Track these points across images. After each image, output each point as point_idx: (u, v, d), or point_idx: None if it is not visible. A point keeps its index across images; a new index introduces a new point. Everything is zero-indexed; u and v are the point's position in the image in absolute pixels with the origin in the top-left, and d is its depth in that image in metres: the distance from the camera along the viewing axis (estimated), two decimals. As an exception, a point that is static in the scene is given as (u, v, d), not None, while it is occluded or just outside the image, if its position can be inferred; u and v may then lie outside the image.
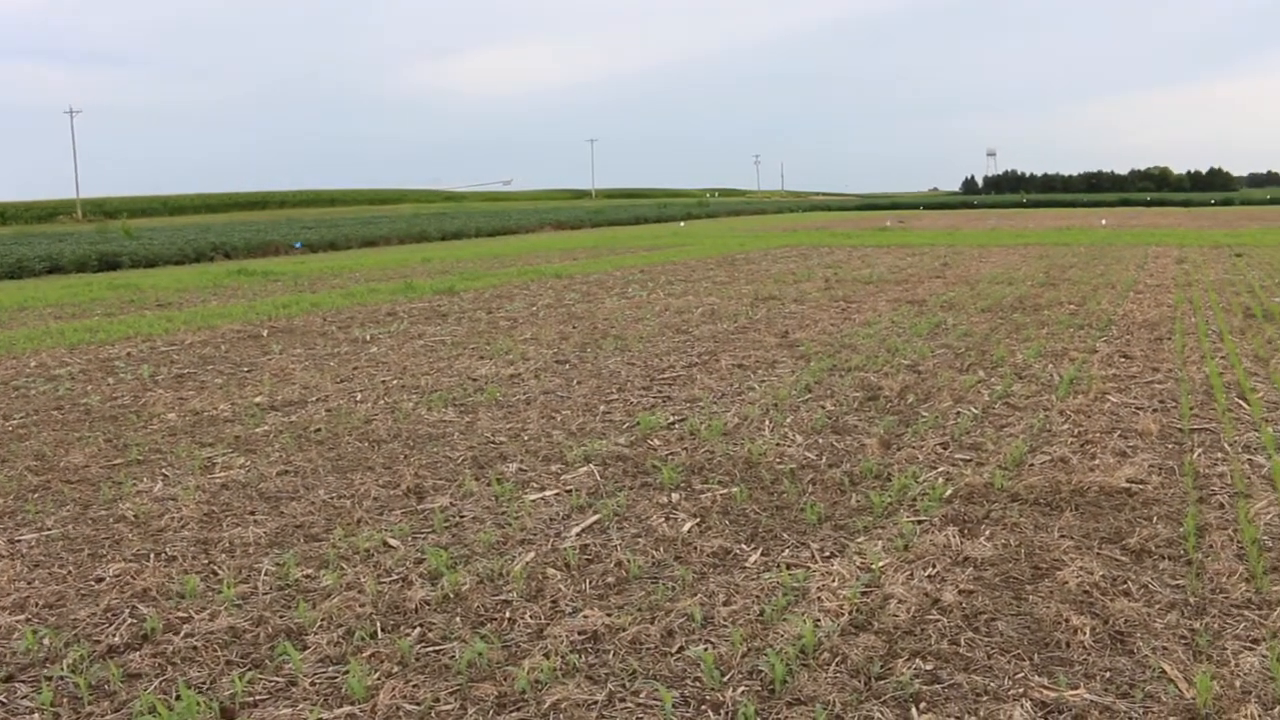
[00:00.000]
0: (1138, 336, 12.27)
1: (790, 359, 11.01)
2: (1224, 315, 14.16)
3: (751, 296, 17.26)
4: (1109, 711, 3.78)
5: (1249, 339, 12.01)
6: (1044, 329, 12.96)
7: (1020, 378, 9.74)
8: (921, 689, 3.95)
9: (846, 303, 16.27)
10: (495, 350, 11.89)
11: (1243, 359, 10.62)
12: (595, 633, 4.45)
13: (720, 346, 11.94)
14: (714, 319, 14.42)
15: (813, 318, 14.43)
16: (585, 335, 13.00)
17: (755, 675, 4.07)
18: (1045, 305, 15.48)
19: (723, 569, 5.18)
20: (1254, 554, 5.17)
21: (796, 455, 7.17)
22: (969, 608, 4.67)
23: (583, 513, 6.06)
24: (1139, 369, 10.16)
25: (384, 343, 12.72)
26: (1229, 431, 7.64)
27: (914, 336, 12.39)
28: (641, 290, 18.65)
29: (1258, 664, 4.09)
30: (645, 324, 13.96)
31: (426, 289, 19.30)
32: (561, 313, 15.49)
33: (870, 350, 11.40)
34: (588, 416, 8.48)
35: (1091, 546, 5.40)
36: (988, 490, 6.31)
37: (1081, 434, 7.63)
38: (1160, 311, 14.62)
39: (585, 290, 18.89)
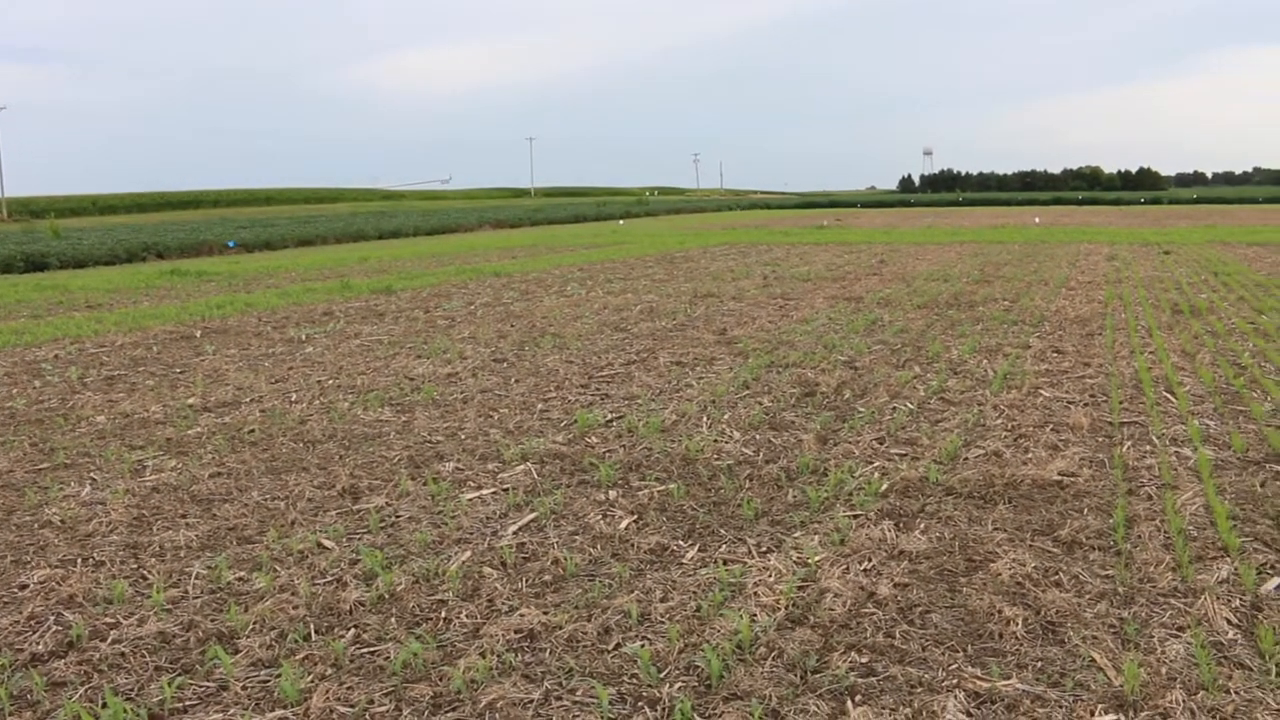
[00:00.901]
0: (1070, 332, 12.46)
1: (728, 356, 11.05)
2: (1153, 311, 14.41)
3: (690, 294, 17.30)
4: (1040, 700, 3.83)
5: (1176, 334, 12.24)
6: (978, 325, 13.12)
7: (955, 373, 9.85)
8: (857, 682, 3.97)
9: (784, 300, 16.35)
10: (432, 349, 11.80)
11: (1170, 354, 10.82)
12: (532, 631, 4.43)
13: (659, 344, 11.95)
14: (652, 317, 14.43)
15: (751, 315, 14.49)
16: (523, 334, 12.95)
17: (692, 671, 4.07)
18: (980, 302, 15.68)
19: (660, 565, 5.18)
20: (1180, 544, 5.27)
21: (734, 451, 7.20)
22: (904, 600, 4.70)
23: (520, 511, 6.03)
24: (1071, 364, 10.32)
25: (320, 343, 12.58)
26: (1157, 424, 7.77)
27: (851, 333, 12.49)
28: (580, 288, 18.62)
29: (1183, 651, 4.16)
30: (584, 322, 13.94)
31: (363, 288, 19.13)
32: (500, 311, 15.42)
33: (808, 347, 11.47)
34: (525, 415, 8.45)
35: (1024, 538, 5.47)
36: (923, 484, 6.37)
37: (1015, 428, 7.73)
38: (1092, 308, 14.85)
39: (524, 289, 18.82)
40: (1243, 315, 13.93)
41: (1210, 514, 5.76)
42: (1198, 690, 3.87)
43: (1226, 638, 4.30)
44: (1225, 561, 5.09)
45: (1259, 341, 11.65)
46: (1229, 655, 4.15)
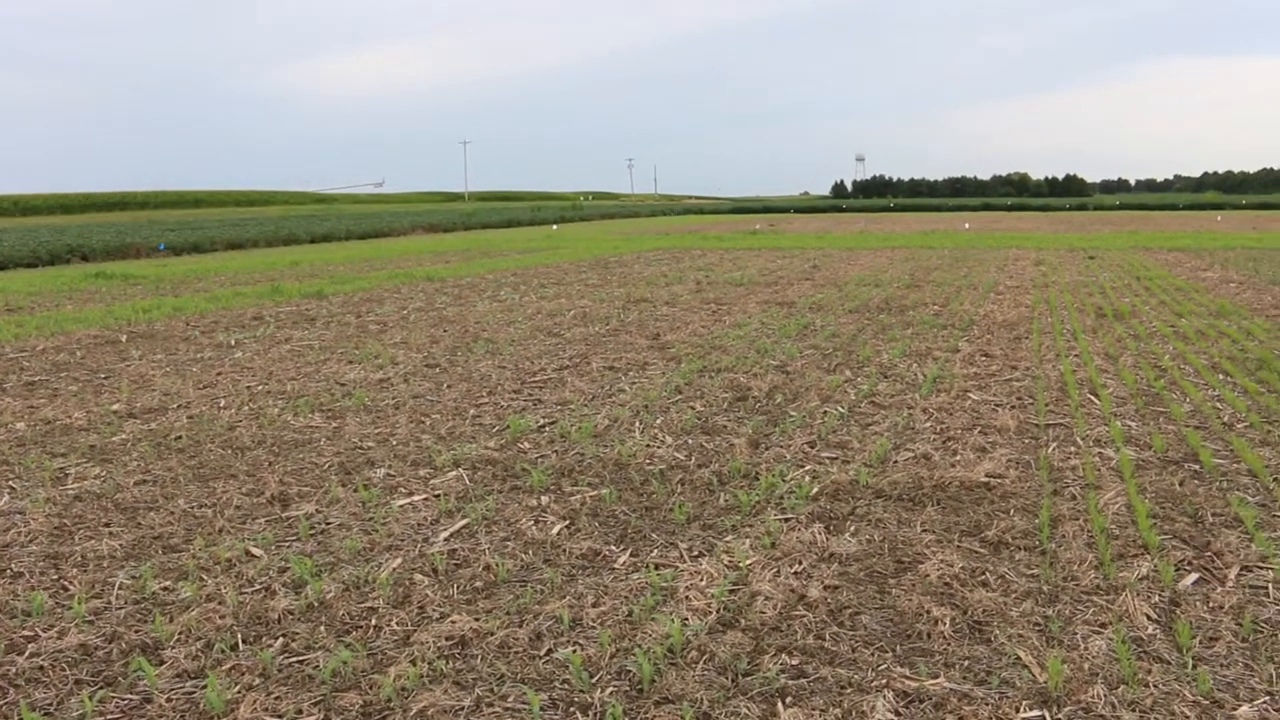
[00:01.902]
0: (998, 336, 12.66)
1: (661, 361, 11.08)
2: (1078, 315, 14.70)
3: (623, 299, 17.33)
4: (967, 699, 3.88)
5: (1100, 338, 12.48)
6: (909, 329, 13.28)
7: (885, 377, 9.97)
8: (788, 684, 4.00)
9: (717, 305, 16.44)
10: (364, 354, 11.70)
11: (1095, 357, 11.04)
12: (463, 638, 4.41)
13: (592, 349, 11.96)
14: (586, 322, 14.43)
15: (684, 320, 14.55)
16: (456, 339, 12.89)
17: (624, 675, 4.08)
18: (910, 306, 15.87)
19: (592, 570, 5.19)
20: (1103, 542, 5.38)
21: (666, 456, 7.22)
22: (834, 602, 4.75)
23: (451, 517, 6.00)
24: (999, 367, 10.48)
25: (249, 348, 12.42)
26: (1081, 426, 7.92)
27: (783, 338, 12.58)
28: (514, 293, 18.57)
29: (1105, 647, 4.25)
30: (517, 327, 13.90)
31: (294, 292, 18.92)
32: (432, 316, 15.33)
33: (740, 351, 11.54)
34: (457, 420, 8.41)
35: (952, 539, 5.55)
36: (853, 487, 6.44)
37: (943, 431, 7.84)
38: (1019, 312, 15.10)
39: (457, 293, 18.73)
40: (1163, 319, 14.25)
41: (1131, 513, 5.88)
42: (1119, 685, 3.95)
43: (1146, 633, 4.39)
44: (1145, 559, 5.20)
45: (1179, 344, 11.92)
46: (1148, 650, 4.25)
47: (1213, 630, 4.42)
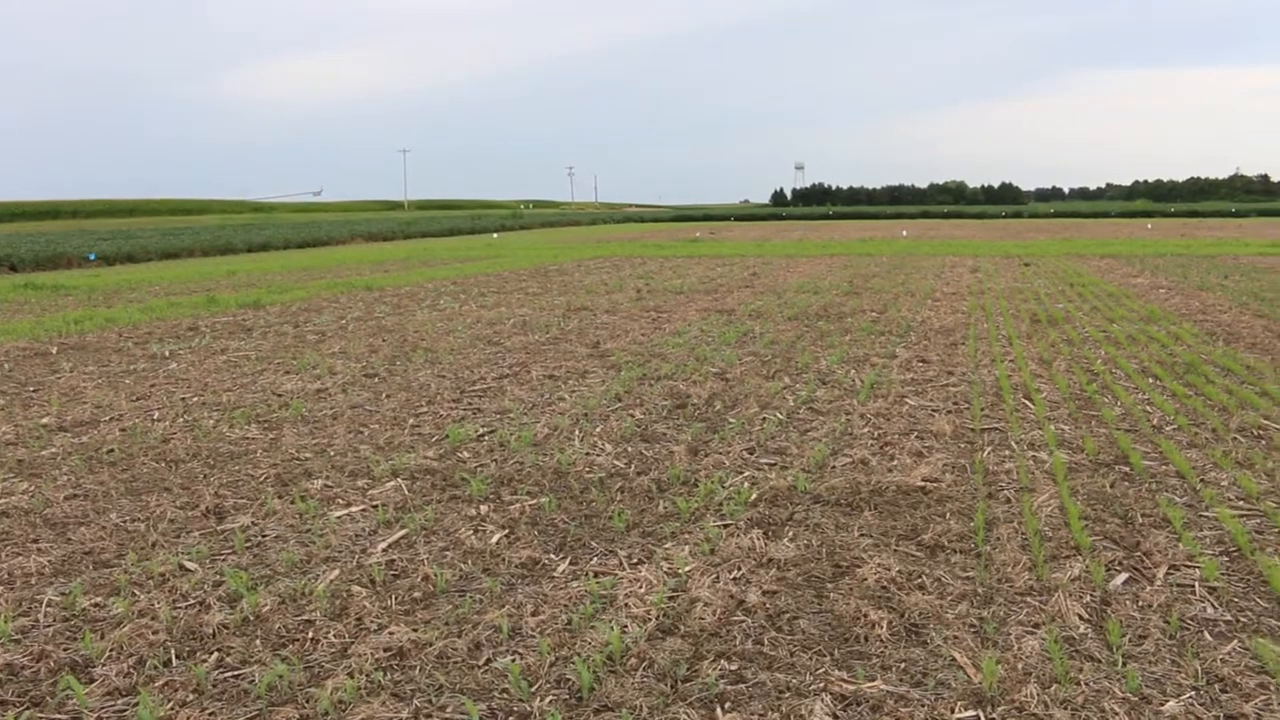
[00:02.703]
0: (934, 342, 12.81)
1: (601, 369, 11.09)
2: (1013, 321, 14.91)
3: (564, 307, 17.31)
4: (904, 700, 3.93)
5: (1035, 343, 12.68)
6: (847, 336, 13.40)
7: (824, 383, 10.05)
8: (726, 689, 4.02)
9: (657, 313, 16.48)
10: (302, 364, 11.59)
11: (1029, 361, 11.21)
12: (401, 649, 4.38)
13: (531, 357, 11.93)
14: (526, 330, 14.40)
15: (624, 328, 14.57)
16: (395, 348, 12.80)
17: (563, 684, 4.07)
18: (849, 313, 16.01)
19: (531, 579, 5.18)
20: (1036, 544, 5.46)
21: (606, 464, 7.22)
22: (773, 607, 4.78)
23: (390, 528, 5.96)
24: (935, 373, 10.61)
25: (184, 359, 12.25)
26: (1016, 430, 8.04)
27: (723, 345, 12.64)
28: (454, 302, 18.49)
29: (1038, 647, 4.32)
30: (456, 336, 13.84)
31: (231, 302, 18.68)
32: (371, 325, 15.22)
33: (680, 359, 11.58)
34: (396, 430, 8.35)
35: (889, 543, 5.61)
36: (791, 493, 6.49)
37: (881, 436, 7.91)
38: (955, 318, 15.30)
39: (396, 303, 18.60)
40: (1096, 324, 14.50)
41: (1064, 515, 5.98)
42: (1051, 684, 4.02)
43: (1078, 632, 4.47)
44: (1078, 560, 5.29)
45: (1110, 349, 12.14)
46: (1080, 649, 4.32)
47: (1142, 629, 4.51)
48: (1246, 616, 4.65)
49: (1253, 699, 3.91)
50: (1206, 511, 6.08)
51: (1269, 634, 4.46)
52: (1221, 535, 5.67)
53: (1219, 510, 6.03)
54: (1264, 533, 5.72)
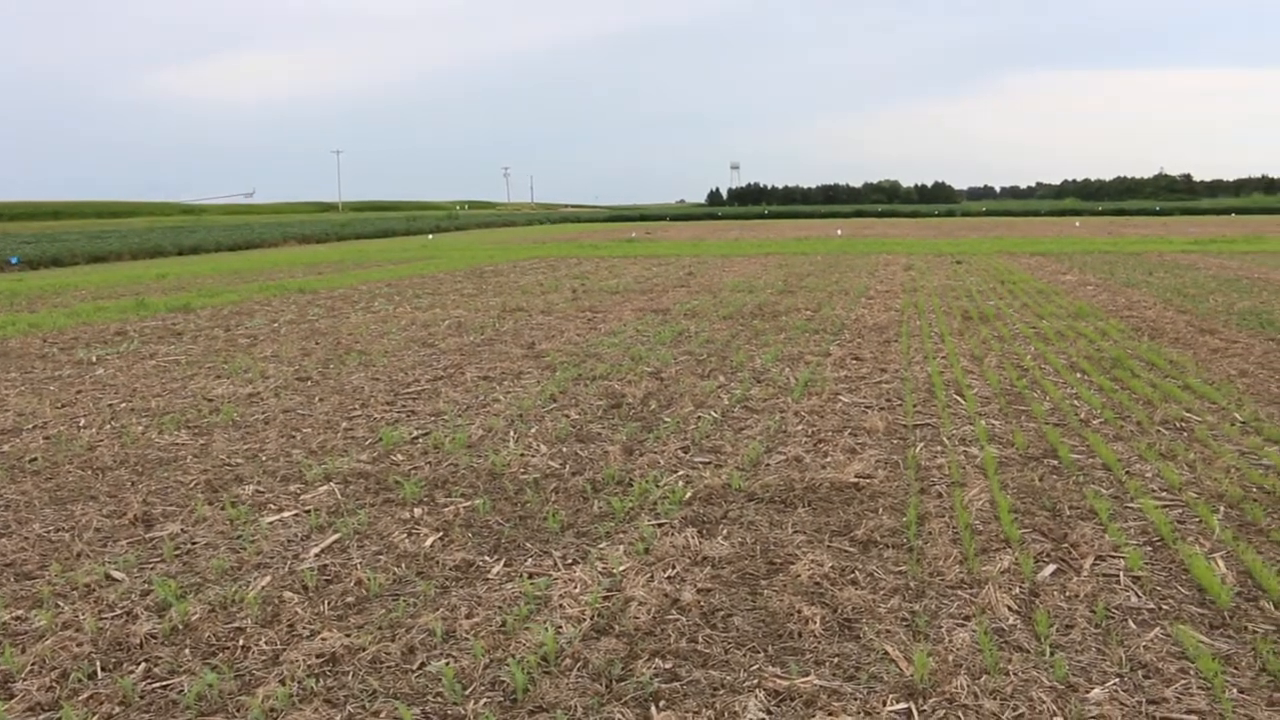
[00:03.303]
0: (868, 339, 12.93)
1: (536, 369, 11.06)
2: (945, 318, 15.10)
3: (499, 308, 17.25)
4: (836, 695, 3.96)
5: (966, 340, 12.85)
6: (782, 334, 13.48)
7: (758, 381, 10.10)
8: (661, 688, 4.03)
9: (593, 313, 16.47)
10: (233, 369, 11.43)
11: (961, 358, 11.35)
12: (334, 655, 4.34)
13: (466, 359, 11.87)
14: (461, 332, 14.33)
15: (559, 328, 14.54)
16: (329, 351, 12.67)
17: (497, 686, 4.06)
18: (783, 312, 16.12)
19: (465, 582, 5.15)
20: (967, 538, 5.54)
21: (540, 465, 7.21)
22: (707, 605, 4.80)
23: (322, 532, 5.90)
24: (869, 370, 10.71)
25: (111, 364, 12.03)
26: (947, 425, 8.14)
27: (658, 344, 12.67)
28: (388, 304, 18.34)
29: (968, 639, 4.38)
30: (391, 338, 13.73)
31: (160, 306, 18.38)
32: (304, 329, 15.05)
33: (615, 359, 11.58)
34: (329, 434, 8.27)
35: (822, 540, 5.65)
36: (726, 491, 6.51)
37: (815, 433, 7.97)
38: (889, 316, 15.46)
39: (330, 305, 18.42)
40: (1026, 321, 14.73)
41: (994, 508, 6.07)
42: (981, 675, 4.08)
43: (1007, 624, 4.54)
44: (1007, 552, 5.37)
45: (1040, 345, 12.34)
46: (1009, 640, 4.39)
47: (1069, 618, 4.59)
48: (1169, 604, 4.75)
49: (1173, 684, 4.00)
50: (1131, 503, 6.20)
51: (1190, 621, 4.56)
52: (1145, 526, 5.78)
53: (1143, 501, 6.16)
54: (1186, 523, 5.84)
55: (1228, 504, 6.15)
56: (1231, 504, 6.15)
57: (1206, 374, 10.22)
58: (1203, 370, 10.43)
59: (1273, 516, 5.92)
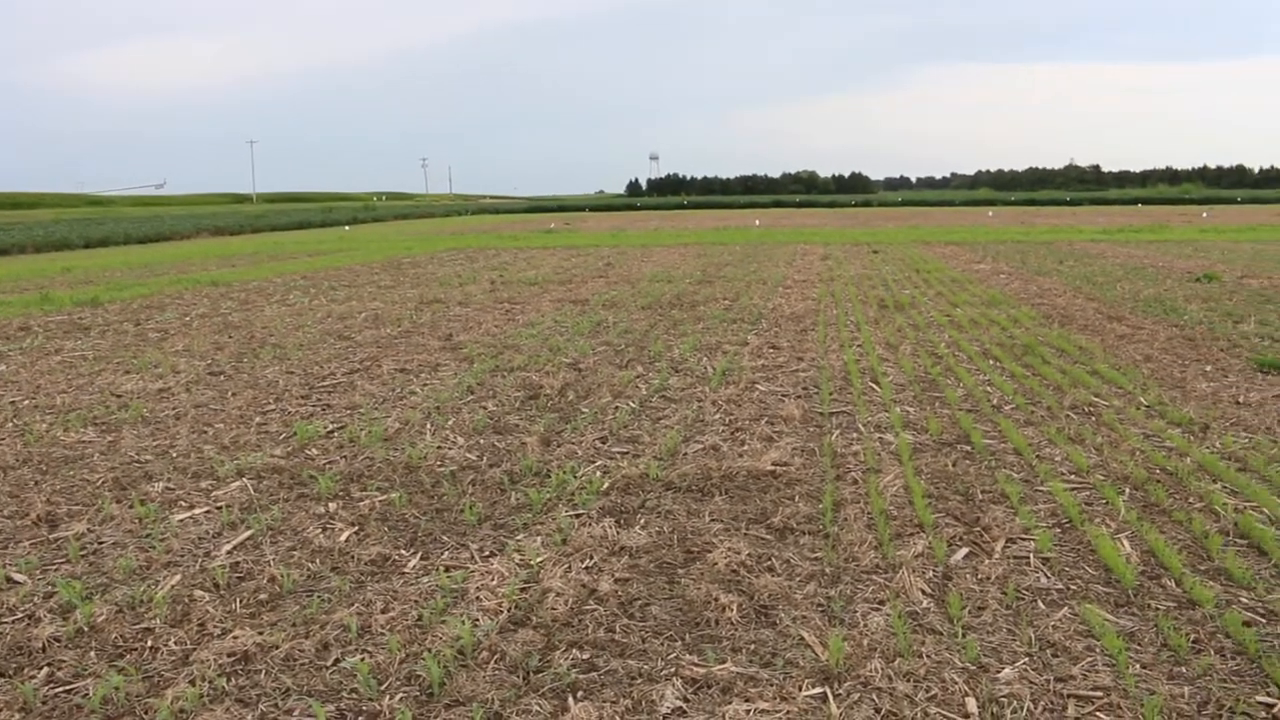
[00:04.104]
0: (785, 329, 13.03)
1: (454, 361, 10.98)
2: (861, 307, 15.27)
3: (416, 300, 17.09)
4: (753, 681, 3.98)
5: (882, 328, 13.00)
6: (700, 324, 13.53)
7: (676, 371, 10.13)
8: (579, 678, 4.03)
9: (511, 304, 16.39)
10: (143, 364, 11.18)
11: (876, 346, 11.49)
12: (246, 653, 4.26)
13: (383, 351, 11.74)
14: (377, 324, 14.17)
15: (477, 320, 14.45)
16: (242, 345, 12.45)
17: (413, 680, 4.02)
18: (702, 301, 16.18)
19: (381, 576, 5.10)
20: (882, 523, 5.61)
21: (458, 457, 7.16)
22: (625, 595, 4.80)
23: (235, 529, 5.80)
24: (786, 359, 10.79)
25: (14, 360, 11.69)
26: (863, 413, 8.23)
27: (576, 335, 12.65)
28: (303, 297, 18.07)
29: (883, 623, 4.44)
30: (306, 331, 13.53)
31: (66, 300, 17.89)
32: (217, 322, 14.77)
33: (533, 350, 11.54)
34: (242, 429, 8.12)
35: (740, 528, 5.68)
36: (643, 480, 6.52)
37: (732, 422, 8.01)
38: (806, 305, 15.59)
39: (244, 298, 18.10)
40: (940, 309, 14.95)
41: (909, 494, 6.15)
42: (895, 658, 4.13)
43: (921, 607, 4.61)
44: (921, 537, 5.45)
45: (954, 333, 12.53)
46: (923, 623, 4.45)
47: (980, 600, 4.67)
48: (1076, 584, 4.86)
49: (1080, 661, 4.09)
50: (1041, 486, 6.32)
51: (1096, 600, 4.67)
52: (1055, 508, 5.90)
53: (1053, 484, 6.28)
54: (1093, 504, 5.98)
55: (1133, 485, 6.31)
56: (1136, 485, 6.30)
57: (1113, 359, 10.46)
58: (1110, 356, 10.67)
59: (1175, 497, 6.07)
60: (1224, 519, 5.68)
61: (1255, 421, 7.83)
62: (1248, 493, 6.10)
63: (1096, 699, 3.82)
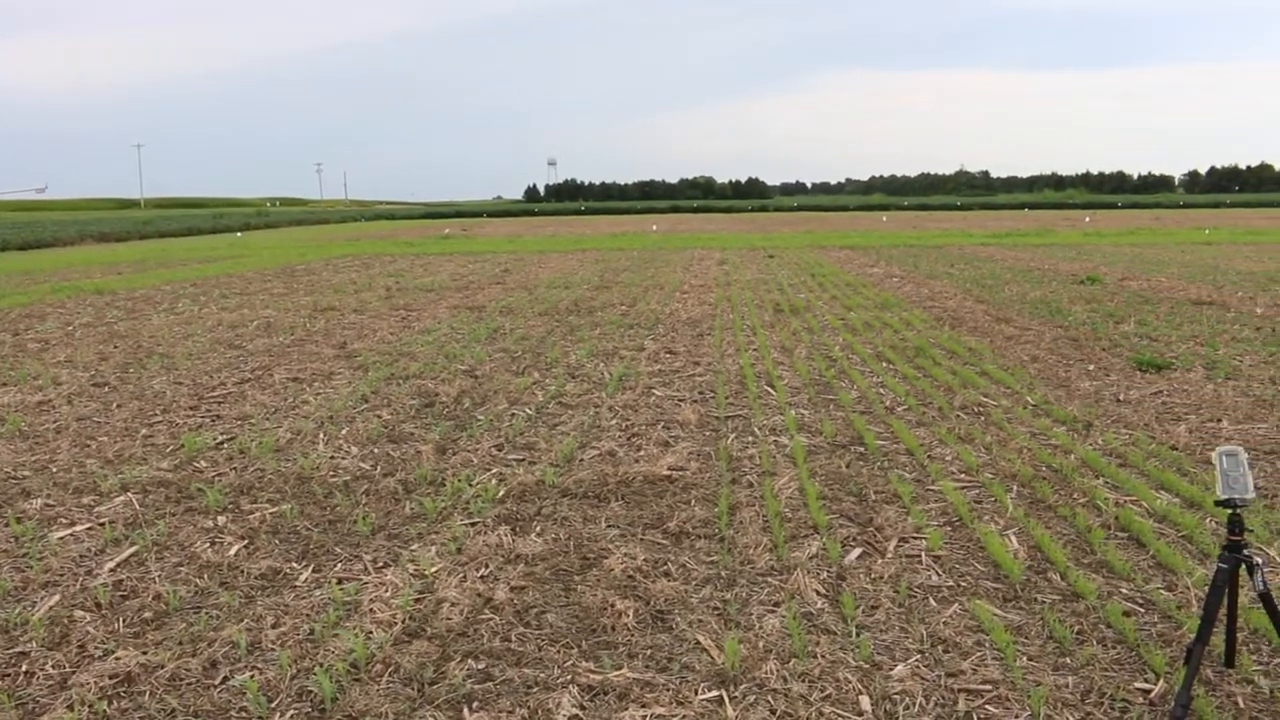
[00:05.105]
0: (682, 333, 13.09)
1: (348, 370, 10.81)
2: (757, 311, 15.41)
3: (310, 308, 16.80)
4: (650, 686, 3.98)
5: (777, 332, 13.13)
6: (597, 330, 13.53)
7: (573, 377, 10.11)
8: (474, 689, 3.98)
9: (407, 311, 16.21)
10: (21, 375, 10.81)
11: (772, 350, 11.60)
12: (129, 674, 4.13)
13: (275, 360, 11.52)
14: (270, 332, 13.90)
15: (372, 327, 14.26)
16: (128, 355, 12.11)
17: (305, 697, 3.94)
18: (599, 307, 16.17)
19: (272, 590, 4.99)
20: (777, 526, 5.65)
21: (351, 467, 7.04)
22: (520, 603, 4.76)
23: (118, 546, 5.62)
24: (682, 364, 10.83)
25: (-117, 374, 11.21)
26: (758, 416, 8.30)
27: (473, 342, 12.55)
28: (193, 305, 17.66)
29: (778, 624, 4.47)
30: (195, 340, 13.22)
31: (-61, 312, 17.24)
32: (102, 331, 14.35)
33: (429, 357, 11.42)
34: (127, 442, 7.89)
35: (636, 533, 5.68)
36: (539, 487, 6.49)
37: (629, 428, 8.02)
38: (702, 310, 15.68)
39: (130, 307, 17.62)
40: (835, 312, 15.16)
41: (804, 496, 6.21)
42: (790, 658, 4.16)
43: (815, 608, 4.65)
44: (815, 538, 5.51)
45: (848, 336, 12.71)
46: (818, 623, 4.49)
47: (874, 599, 4.73)
48: (966, 581, 4.95)
49: (970, 656, 4.17)
50: (932, 485, 6.44)
51: (985, 596, 4.76)
52: (946, 507, 6.01)
53: (943, 484, 6.40)
54: (982, 502, 6.10)
55: (1020, 483, 6.45)
56: (1024, 483, 6.45)
57: (1002, 360, 10.70)
58: (998, 357, 10.92)
59: (1060, 493, 6.23)
60: (1106, 513, 5.84)
61: (1135, 418, 8.07)
62: (1128, 487, 6.29)
63: (986, 692, 3.90)
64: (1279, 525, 5.60)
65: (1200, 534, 5.47)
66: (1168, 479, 6.44)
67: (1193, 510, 5.88)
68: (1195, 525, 5.57)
